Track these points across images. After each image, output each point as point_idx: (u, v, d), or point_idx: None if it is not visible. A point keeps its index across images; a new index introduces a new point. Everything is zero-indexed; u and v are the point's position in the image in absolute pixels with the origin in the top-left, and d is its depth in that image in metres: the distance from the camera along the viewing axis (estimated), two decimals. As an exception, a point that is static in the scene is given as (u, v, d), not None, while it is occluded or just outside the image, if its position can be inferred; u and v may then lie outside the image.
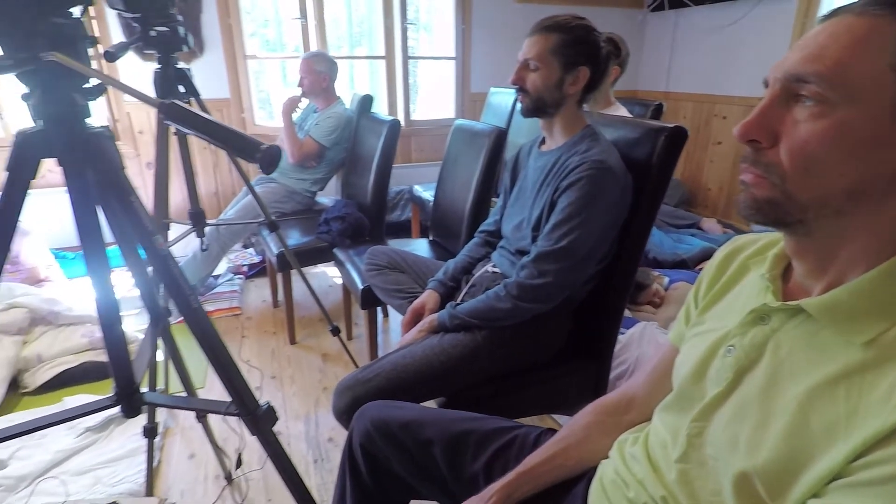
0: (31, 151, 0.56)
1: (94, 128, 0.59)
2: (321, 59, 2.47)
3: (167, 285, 0.61)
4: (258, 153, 0.49)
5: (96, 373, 2.00)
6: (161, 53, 1.18)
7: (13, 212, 0.56)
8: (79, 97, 0.57)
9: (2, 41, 0.51)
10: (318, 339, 2.35)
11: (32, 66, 0.52)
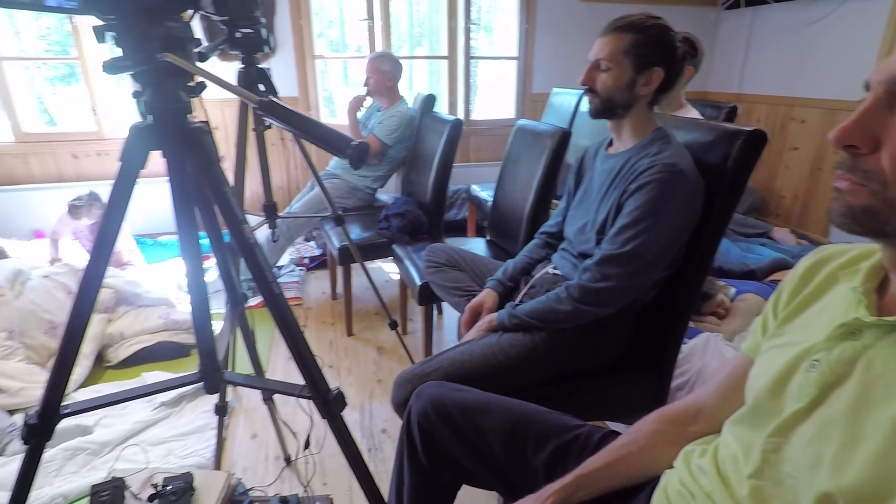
0: (142, 144, 0.62)
1: (195, 123, 0.63)
2: (387, 59, 2.53)
3: (252, 272, 0.65)
4: (348, 149, 0.51)
5: (169, 352, 2.14)
6: (244, 54, 1.25)
7: (124, 198, 0.61)
8: (183, 94, 0.62)
9: (123, 44, 0.56)
10: (374, 332, 2.41)
11: (147, 66, 0.57)
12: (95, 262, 0.61)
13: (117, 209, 0.61)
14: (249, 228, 0.64)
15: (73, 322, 0.63)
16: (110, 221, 0.62)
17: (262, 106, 0.53)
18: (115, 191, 0.61)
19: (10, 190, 3.22)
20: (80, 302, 0.62)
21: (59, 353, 0.65)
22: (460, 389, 1.00)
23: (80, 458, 1.59)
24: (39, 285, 2.08)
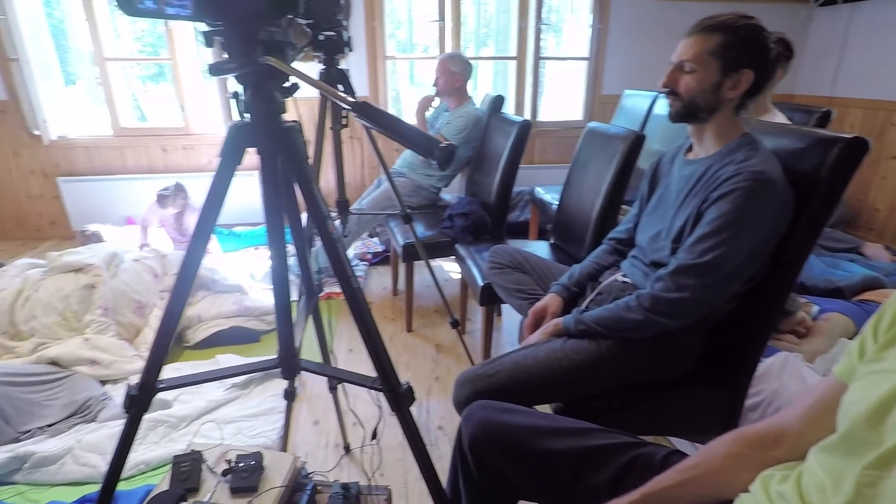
0: (240, 141, 0.66)
1: (287, 122, 0.67)
2: (457, 60, 2.55)
3: (334, 266, 0.68)
4: (436, 150, 0.53)
5: (241, 336, 2.26)
6: (325, 55, 1.30)
7: (222, 190, 0.66)
8: (278, 95, 0.65)
9: (230, 48, 0.60)
10: (433, 330, 2.44)
11: (249, 69, 0.60)
12: (195, 249, 0.66)
13: (216, 200, 0.66)
14: (333, 224, 0.66)
15: (172, 305, 0.68)
16: (209, 211, 0.66)
17: (357, 107, 0.56)
18: (214, 184, 0.66)
19: (106, 179, 3.52)
20: (179, 286, 0.67)
21: (158, 334, 0.70)
22: (510, 410, 0.99)
23: (160, 429, 1.71)
24: (130, 268, 2.26)
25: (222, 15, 0.59)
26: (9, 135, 3.41)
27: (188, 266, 0.67)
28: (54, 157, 3.49)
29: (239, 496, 1.10)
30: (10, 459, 1.55)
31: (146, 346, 2.11)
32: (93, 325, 2.04)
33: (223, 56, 0.62)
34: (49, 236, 3.69)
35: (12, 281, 2.11)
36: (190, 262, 0.67)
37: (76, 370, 1.90)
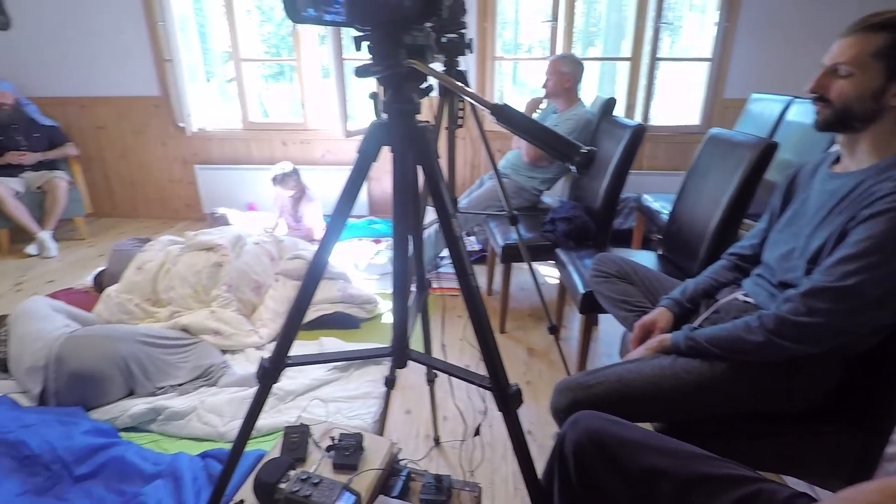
0: (377, 139, 0.70)
1: (421, 122, 0.70)
2: (568, 60, 2.51)
3: (455, 264, 0.70)
4: (577, 156, 0.52)
5: (344, 322, 2.40)
6: (447, 57, 1.33)
7: (357, 184, 0.70)
8: (415, 96, 0.68)
9: (376, 51, 0.64)
10: (526, 333, 2.42)
11: (393, 71, 0.64)
12: (330, 236, 0.71)
13: (351, 193, 0.70)
14: (458, 223, 0.68)
15: (304, 288, 0.73)
16: (344, 203, 0.71)
17: (496, 110, 0.57)
18: (350, 178, 0.70)
19: (234, 168, 3.88)
20: (312, 270, 0.73)
21: (290, 315, 0.77)
22: (619, 423, 0.95)
23: (269, 400, 1.84)
24: (252, 250, 2.48)
25: (371, 21, 0.63)
26: (159, 127, 3.88)
27: (322, 251, 0.72)
28: (193, 147, 3.92)
29: (340, 472, 1.17)
30: (148, 410, 1.77)
31: (261, 322, 2.31)
32: (218, 299, 2.26)
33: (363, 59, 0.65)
34: (184, 217, 4.15)
35: (157, 254, 2.40)
36: (325, 247, 0.72)
37: (202, 338, 2.12)
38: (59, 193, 3.41)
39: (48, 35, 3.69)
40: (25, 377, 1.82)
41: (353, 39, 0.64)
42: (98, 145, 3.99)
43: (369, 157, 0.70)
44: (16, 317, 1.99)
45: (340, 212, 0.71)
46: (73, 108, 3.89)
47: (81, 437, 1.55)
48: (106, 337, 1.87)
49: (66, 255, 3.45)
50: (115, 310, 2.25)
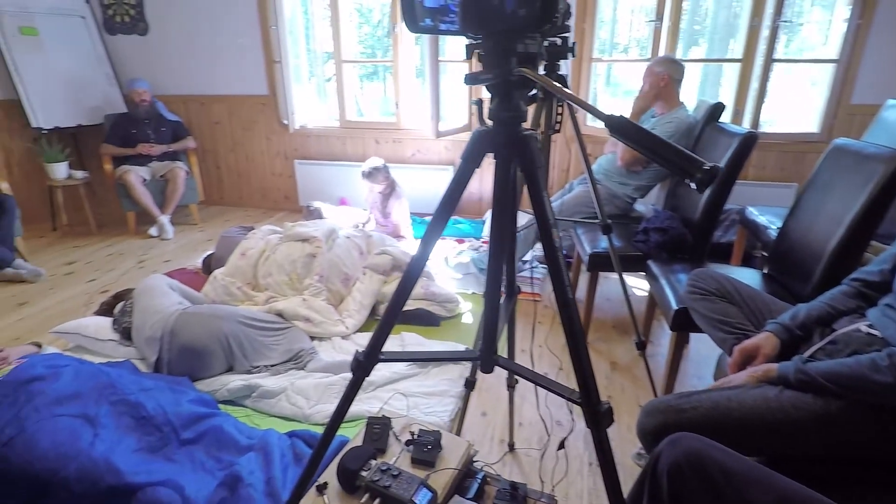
0: (482, 146, 0.70)
1: (526, 130, 0.69)
2: (661, 60, 2.39)
3: (552, 274, 0.69)
4: (699, 173, 0.50)
5: (425, 319, 2.44)
6: (548, 62, 1.31)
7: (460, 190, 0.71)
8: (522, 104, 0.68)
9: (487, 59, 0.65)
10: (609, 345, 2.33)
11: (503, 80, 0.64)
12: (429, 237, 0.73)
13: (452, 197, 0.72)
14: (558, 233, 0.67)
15: (403, 286, 0.76)
16: (444, 206, 0.72)
17: (611, 122, 0.55)
18: (453, 183, 0.71)
19: (329, 164, 4.09)
20: (411, 269, 0.75)
21: (386, 312, 0.80)
22: (724, 451, 0.89)
23: (353, 388, 1.94)
24: (343, 244, 2.60)
25: (484, 29, 0.63)
26: (266, 123, 4.17)
27: (423, 252, 0.74)
28: (294, 143, 4.17)
29: (418, 467, 1.20)
30: (243, 386, 1.91)
31: (347, 312, 2.41)
32: (310, 288, 2.39)
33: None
34: (283, 208, 4.44)
35: (258, 242, 2.59)
36: (425, 248, 0.74)
37: (294, 324, 2.26)
38: (179, 182, 3.78)
39: (177, 39, 4.09)
40: (144, 346, 2.03)
41: (465, 48, 0.65)
42: (212, 139, 4.37)
43: (472, 164, 0.71)
44: (139, 291, 2.23)
45: (441, 215, 0.73)
46: (193, 105, 4.29)
47: (188, 404, 1.71)
48: (213, 315, 2.05)
49: (181, 238, 3.81)
50: (220, 291, 2.45)
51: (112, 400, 1.65)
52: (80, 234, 3.89)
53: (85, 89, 4.03)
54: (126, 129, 3.78)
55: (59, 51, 3.89)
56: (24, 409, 1.55)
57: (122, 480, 1.40)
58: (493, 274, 0.78)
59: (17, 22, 3.67)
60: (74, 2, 4.02)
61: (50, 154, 3.69)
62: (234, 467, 1.46)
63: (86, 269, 3.24)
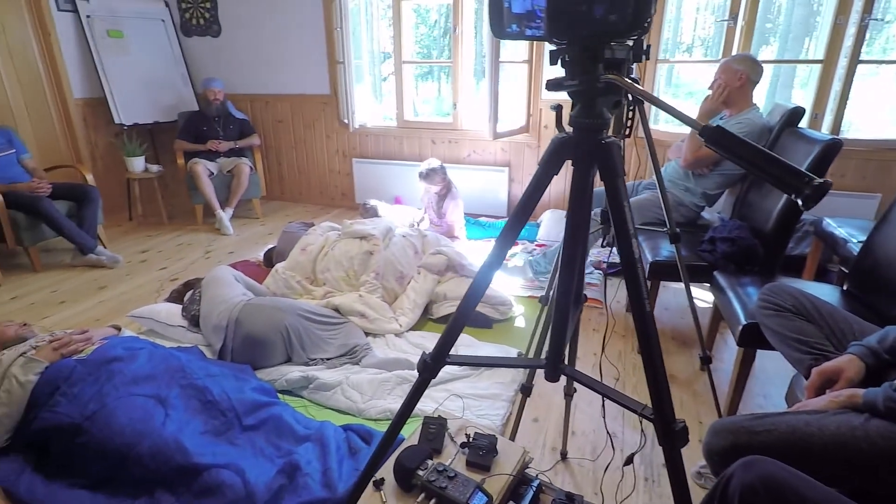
0: (560, 153, 0.69)
1: (608, 138, 0.67)
2: (742, 57, 2.27)
3: (629, 286, 0.67)
4: (807, 189, 0.47)
5: (478, 321, 2.44)
6: (620, 64, 1.28)
7: (537, 195, 0.70)
8: (606, 111, 0.66)
9: (571, 65, 0.64)
10: (668, 358, 2.25)
11: (587, 86, 0.63)
12: (503, 243, 0.72)
13: (528, 203, 0.71)
14: (638, 244, 0.65)
15: (473, 291, 0.76)
16: (521, 211, 0.72)
17: (704, 132, 0.53)
18: (529, 190, 0.71)
19: (385, 163, 4.16)
20: (481, 276, 0.75)
21: (455, 318, 0.80)
22: (802, 478, 0.84)
23: (405, 386, 1.96)
24: (399, 242, 2.64)
25: (571, 35, 0.62)
26: (327, 122, 4.29)
27: (494, 259, 0.73)
28: (353, 142, 4.27)
29: (473, 470, 1.20)
30: (301, 378, 1.97)
31: (401, 311, 2.44)
32: (366, 285, 2.44)
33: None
34: (339, 205, 4.55)
35: (318, 238, 2.67)
36: (497, 254, 0.73)
37: (350, 320, 2.31)
38: (243, 177, 3.94)
39: (246, 41, 4.27)
40: (211, 333, 2.14)
41: (549, 54, 0.64)
42: (275, 136, 4.54)
43: (551, 170, 0.70)
44: (207, 281, 2.35)
45: (517, 220, 0.72)
46: (259, 103, 4.47)
47: (251, 392, 1.78)
48: (275, 308, 2.13)
49: (243, 231, 3.98)
50: (280, 284, 2.54)
51: (182, 383, 1.74)
52: (152, 224, 4.14)
53: (162, 88, 4.27)
54: (198, 125, 3.99)
55: (141, 52, 4.14)
56: (104, 386, 1.66)
57: (190, 460, 1.48)
58: (564, 281, 0.77)
59: (105, 25, 3.94)
60: (156, 6, 4.28)
61: (129, 148, 3.94)
62: (293, 456, 1.51)
63: (157, 257, 3.44)
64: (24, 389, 1.64)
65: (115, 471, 1.52)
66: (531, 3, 0.61)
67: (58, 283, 3.02)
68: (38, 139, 3.78)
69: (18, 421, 1.64)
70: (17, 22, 3.59)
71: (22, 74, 3.65)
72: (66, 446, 1.57)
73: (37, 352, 1.75)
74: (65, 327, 2.48)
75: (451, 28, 3.70)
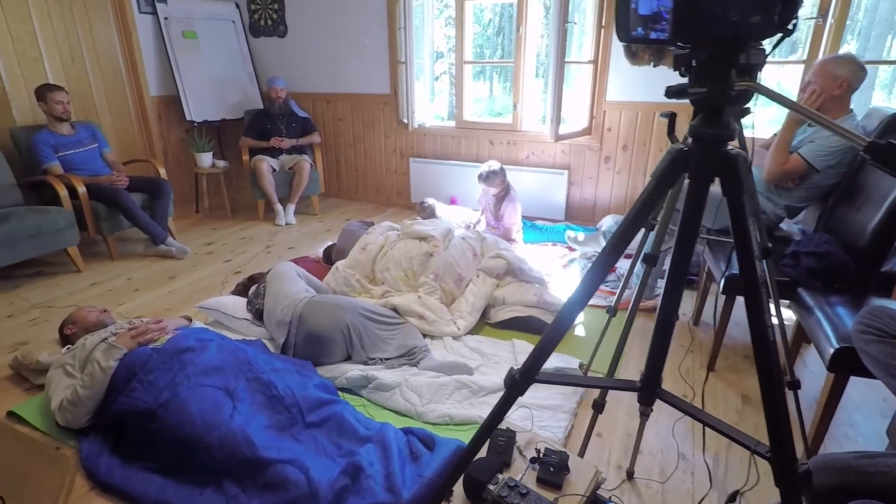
0: (677, 167, 0.64)
1: (732, 150, 0.62)
2: (844, 61, 2.05)
3: (751, 312, 0.61)
4: None
5: (537, 327, 2.38)
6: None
7: (647, 211, 0.66)
8: (732, 121, 0.61)
9: (699, 71, 0.59)
10: (740, 376, 2.13)
11: (720, 94, 0.58)
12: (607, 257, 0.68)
13: (638, 218, 0.66)
14: (762, 267, 0.59)
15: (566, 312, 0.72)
16: (628, 228, 0.67)
17: (870, 149, 0.47)
18: (640, 204, 0.66)
19: (442, 163, 4.15)
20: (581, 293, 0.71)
21: (546, 337, 0.76)
22: None
23: (464, 391, 1.94)
24: (458, 244, 2.61)
25: (702, 38, 0.57)
26: (386, 121, 4.33)
27: (594, 276, 0.69)
28: (411, 141, 4.29)
29: (544, 487, 1.16)
30: (361, 377, 1.98)
31: (458, 313, 2.42)
32: (425, 286, 2.43)
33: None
34: (394, 204, 4.59)
35: (378, 237, 2.68)
36: (598, 271, 0.69)
37: (408, 320, 2.31)
38: (304, 174, 4.03)
39: (310, 41, 4.37)
40: (275, 328, 2.18)
41: (674, 58, 0.60)
42: (335, 135, 4.62)
43: (665, 185, 0.65)
44: (271, 276, 2.40)
45: (621, 238, 0.68)
46: (320, 102, 4.56)
47: (313, 389, 1.80)
48: (337, 306, 2.15)
49: (302, 226, 4.07)
50: (340, 282, 2.57)
51: (248, 376, 1.78)
52: (217, 217, 4.30)
53: (230, 87, 4.43)
54: (262, 123, 4.11)
55: (212, 52, 4.31)
56: (177, 375, 1.72)
57: (256, 454, 1.51)
58: (670, 301, 0.72)
59: (181, 26, 4.13)
60: (228, 7, 4.44)
61: (199, 144, 4.11)
62: (356, 457, 1.51)
63: (222, 250, 3.57)
64: (104, 374, 1.72)
65: (185, 459, 1.56)
66: (657, 3, 0.57)
67: (132, 272, 3.19)
68: (117, 134, 4.00)
69: (99, 403, 1.73)
70: (103, 23, 3.81)
71: (106, 73, 3.87)
72: (140, 431, 1.64)
73: (117, 339, 1.84)
74: (139, 314, 2.61)
75: (515, 27, 3.64)
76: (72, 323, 2.09)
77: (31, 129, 3.28)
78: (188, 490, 1.53)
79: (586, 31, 3.47)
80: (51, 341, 2.26)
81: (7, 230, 2.73)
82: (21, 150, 3.22)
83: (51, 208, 2.99)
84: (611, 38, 3.33)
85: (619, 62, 3.36)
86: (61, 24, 3.55)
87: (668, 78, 0.61)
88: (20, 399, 1.97)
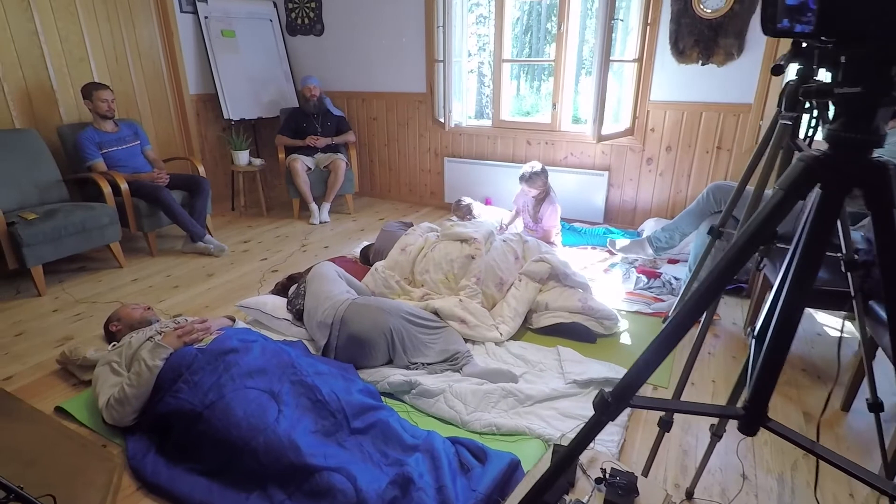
0: (808, 177, 0.57)
1: (879, 160, 0.55)
2: None
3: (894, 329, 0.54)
4: None
5: (580, 334, 2.31)
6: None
7: (771, 225, 0.59)
8: (882, 125, 0.54)
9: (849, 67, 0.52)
10: (799, 392, 2.02)
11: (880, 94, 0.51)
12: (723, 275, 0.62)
13: (761, 231, 0.60)
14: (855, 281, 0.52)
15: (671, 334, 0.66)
16: (751, 241, 0.60)
17: None
18: (766, 215, 0.59)
19: (478, 163, 4.09)
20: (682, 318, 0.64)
21: (640, 363, 0.70)
22: None
23: (510, 400, 1.87)
24: (500, 247, 2.55)
25: (854, 31, 0.50)
26: (421, 120, 4.29)
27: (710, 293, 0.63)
28: (446, 141, 4.24)
29: (611, 510, 1.10)
30: (404, 382, 1.93)
31: (500, 318, 2.36)
32: (466, 289, 2.38)
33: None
34: (428, 203, 4.55)
35: (417, 239, 2.64)
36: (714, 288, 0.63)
37: (449, 324, 2.26)
38: (339, 173, 4.02)
39: (346, 39, 4.36)
40: (316, 329, 2.16)
41: (818, 52, 0.53)
42: (369, 133, 4.60)
43: (794, 196, 0.58)
44: (311, 276, 2.38)
45: (737, 257, 0.61)
46: (355, 100, 4.55)
47: (357, 394, 1.77)
48: (379, 308, 2.11)
49: (336, 225, 4.06)
50: (379, 283, 2.54)
51: (292, 379, 1.76)
52: (252, 215, 4.33)
53: (266, 85, 4.46)
54: (298, 121, 4.11)
55: (250, 51, 4.34)
56: (222, 377, 1.71)
57: (302, 460, 1.48)
58: (787, 319, 0.65)
59: (220, 26, 4.16)
60: (266, 6, 4.47)
61: (236, 142, 4.13)
62: (405, 468, 1.46)
63: (258, 248, 3.59)
64: (151, 373, 1.72)
65: (231, 462, 1.54)
66: (803, -8, 0.50)
67: (171, 269, 3.22)
68: (158, 132, 4.06)
69: (145, 402, 1.73)
70: (146, 23, 3.86)
71: (147, 71, 3.93)
72: (186, 432, 1.62)
73: (163, 338, 1.83)
74: (178, 311, 2.63)
75: (557, 25, 3.56)
76: (117, 320, 2.10)
77: (77, 126, 3.34)
78: (234, 494, 1.51)
79: (630, 27, 3.37)
80: (96, 337, 2.29)
81: (53, 226, 2.78)
82: (67, 147, 3.28)
83: (95, 205, 3.03)
84: (657, 35, 3.23)
85: (665, 60, 3.25)
86: (106, 24, 3.61)
87: (716, 77, 0.54)
88: (67, 394, 1.99)
